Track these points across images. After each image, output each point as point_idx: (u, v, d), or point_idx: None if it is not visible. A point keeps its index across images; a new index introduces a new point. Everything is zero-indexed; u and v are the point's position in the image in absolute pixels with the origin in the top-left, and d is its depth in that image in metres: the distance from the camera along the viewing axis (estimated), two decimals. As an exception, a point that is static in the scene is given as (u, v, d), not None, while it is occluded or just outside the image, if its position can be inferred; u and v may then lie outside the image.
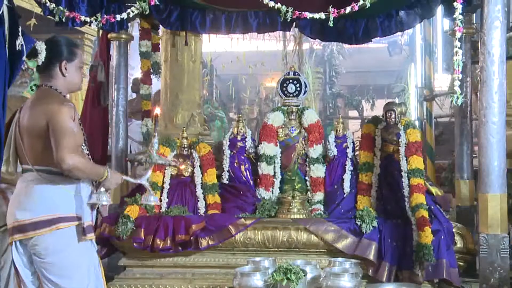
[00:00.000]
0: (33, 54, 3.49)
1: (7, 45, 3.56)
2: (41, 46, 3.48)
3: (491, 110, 4.48)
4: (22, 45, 3.62)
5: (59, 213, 3.32)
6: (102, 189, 3.48)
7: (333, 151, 5.61)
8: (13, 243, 3.36)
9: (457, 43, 4.44)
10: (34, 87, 4.68)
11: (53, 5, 4.96)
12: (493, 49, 4.48)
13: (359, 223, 5.05)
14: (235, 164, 5.74)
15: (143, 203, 5.03)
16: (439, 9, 5.45)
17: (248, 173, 5.74)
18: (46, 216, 3.30)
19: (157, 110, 5.65)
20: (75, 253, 3.36)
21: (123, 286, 5.20)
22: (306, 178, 5.71)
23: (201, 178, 5.66)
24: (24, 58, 3.76)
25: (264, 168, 5.66)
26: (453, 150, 6.59)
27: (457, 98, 4.43)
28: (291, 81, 5.82)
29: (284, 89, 5.83)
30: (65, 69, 3.50)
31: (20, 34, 3.61)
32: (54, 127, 3.30)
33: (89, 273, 3.42)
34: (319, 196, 5.59)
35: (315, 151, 5.67)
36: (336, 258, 4.78)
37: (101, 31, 6.13)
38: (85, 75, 3.76)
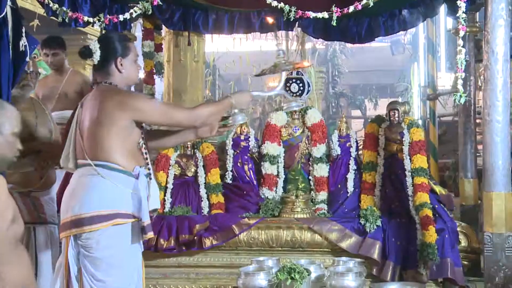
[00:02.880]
0: (88, 54, 3.51)
1: (11, 46, 3.57)
2: (94, 46, 3.50)
3: (495, 108, 4.47)
4: (25, 46, 3.63)
5: (117, 208, 3.30)
6: (236, 110, 3.57)
7: (337, 150, 5.61)
8: (70, 237, 3.32)
9: (460, 42, 4.43)
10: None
11: (56, 5, 4.96)
12: (497, 47, 4.46)
13: (363, 223, 5.05)
14: (238, 164, 5.74)
15: (285, 110, 5.15)
16: (442, 8, 5.43)
17: (251, 173, 5.73)
18: (103, 211, 3.26)
19: (270, 20, 5.09)
20: (125, 252, 3.33)
21: (127, 286, 5.21)
22: (310, 177, 5.70)
23: (205, 178, 5.66)
24: (27, 59, 3.77)
25: (267, 168, 5.66)
26: (457, 149, 6.59)
27: (460, 97, 4.43)
28: (294, 80, 5.80)
29: (287, 88, 5.82)
30: (121, 65, 3.51)
31: (23, 35, 3.62)
32: (155, 115, 3.44)
33: (133, 274, 3.40)
34: (323, 195, 5.58)
35: (319, 150, 5.66)
36: (340, 257, 4.77)
37: (104, 32, 6.12)
38: (140, 67, 3.78)
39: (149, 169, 3.51)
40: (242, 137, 5.77)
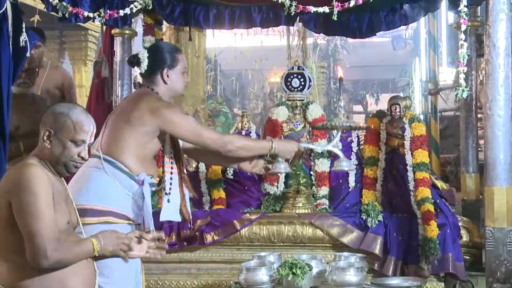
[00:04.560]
0: (136, 62, 3.53)
1: (11, 42, 3.57)
2: (143, 55, 3.53)
3: (497, 103, 4.47)
4: (25, 41, 3.63)
5: (112, 207, 3.29)
6: (280, 159, 3.57)
7: (338, 145, 5.59)
8: None
9: (462, 36, 4.43)
10: None
11: (56, 0, 4.96)
12: (499, 41, 4.46)
13: (364, 218, 5.05)
14: (239, 159, 5.72)
15: (335, 169, 4.72)
16: (444, 2, 5.42)
17: (253, 168, 5.72)
18: (98, 206, 3.26)
19: (340, 72, 5.29)
20: None
21: (129, 282, 5.21)
22: (311, 172, 5.69)
23: (206, 173, 5.65)
24: (27, 54, 3.77)
25: (268, 163, 5.64)
26: (458, 144, 6.58)
27: (462, 91, 4.43)
28: (295, 75, 5.79)
29: (288, 83, 5.81)
30: (167, 76, 3.52)
31: (23, 30, 3.63)
32: (184, 130, 3.49)
33: (130, 276, 3.39)
34: (324, 190, 5.57)
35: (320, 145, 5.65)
36: (341, 252, 4.77)
37: (104, 27, 6.12)
38: (188, 79, 3.82)
39: (162, 181, 3.54)
40: (244, 132, 5.76)
